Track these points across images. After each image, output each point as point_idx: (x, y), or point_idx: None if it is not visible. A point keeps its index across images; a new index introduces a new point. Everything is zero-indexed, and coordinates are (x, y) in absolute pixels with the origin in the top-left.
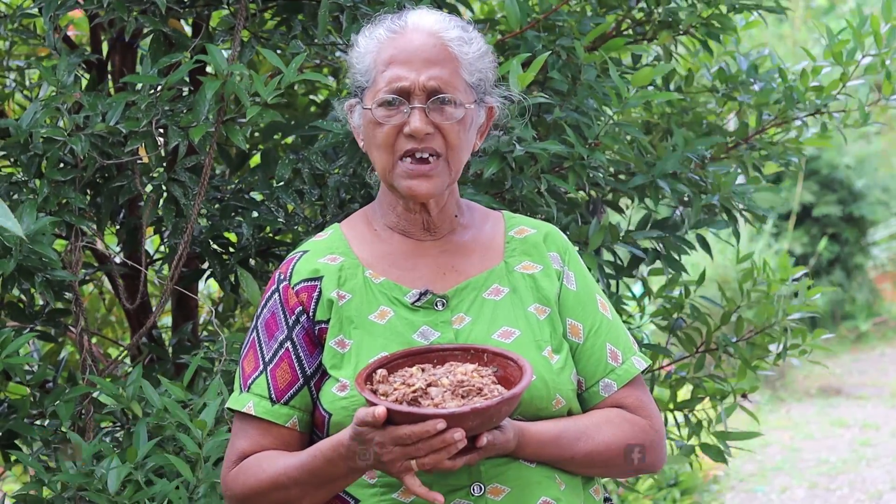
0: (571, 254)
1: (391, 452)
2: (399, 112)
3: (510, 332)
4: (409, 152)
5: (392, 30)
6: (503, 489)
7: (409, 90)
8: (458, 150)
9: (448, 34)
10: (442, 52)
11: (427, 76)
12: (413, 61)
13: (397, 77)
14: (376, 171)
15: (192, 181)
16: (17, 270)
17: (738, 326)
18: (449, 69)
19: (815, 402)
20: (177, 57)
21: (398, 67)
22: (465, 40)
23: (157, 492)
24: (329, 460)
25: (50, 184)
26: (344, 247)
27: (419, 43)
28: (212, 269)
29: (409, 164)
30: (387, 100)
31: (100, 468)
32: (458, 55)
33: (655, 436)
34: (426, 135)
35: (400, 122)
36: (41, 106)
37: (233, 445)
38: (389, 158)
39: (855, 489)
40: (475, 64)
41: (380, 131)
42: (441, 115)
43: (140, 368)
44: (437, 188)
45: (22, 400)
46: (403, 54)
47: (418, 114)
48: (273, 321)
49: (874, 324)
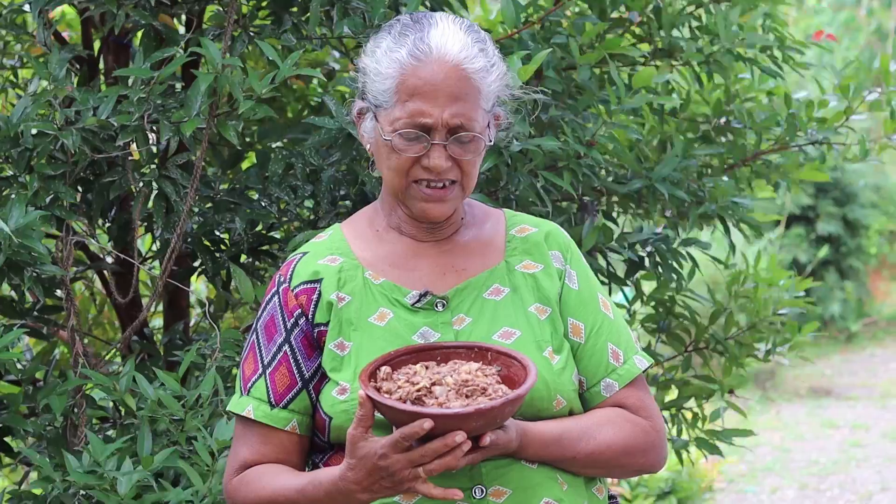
0: (573, 252)
1: (397, 462)
2: (419, 145)
3: (511, 333)
4: (426, 181)
5: (415, 56)
6: (505, 491)
7: (432, 127)
8: (472, 177)
9: (472, 65)
10: (465, 87)
11: (450, 113)
12: (437, 97)
13: (420, 112)
14: (387, 189)
15: (184, 178)
16: (6, 265)
17: (727, 324)
18: (471, 103)
19: (806, 403)
20: (169, 51)
21: (421, 102)
22: (487, 69)
23: (171, 499)
24: (329, 494)
25: (40, 178)
26: (344, 247)
27: (443, 77)
28: (203, 266)
29: (425, 188)
30: (408, 134)
31: (108, 469)
32: (481, 87)
33: (656, 436)
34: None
35: (418, 153)
36: (31, 100)
37: (234, 452)
38: (403, 182)
39: (845, 490)
40: (492, 90)
41: (395, 157)
42: (460, 149)
43: (132, 362)
44: (450, 210)
45: (14, 395)
46: (427, 87)
47: (439, 150)
48: (272, 324)
49: (864, 324)
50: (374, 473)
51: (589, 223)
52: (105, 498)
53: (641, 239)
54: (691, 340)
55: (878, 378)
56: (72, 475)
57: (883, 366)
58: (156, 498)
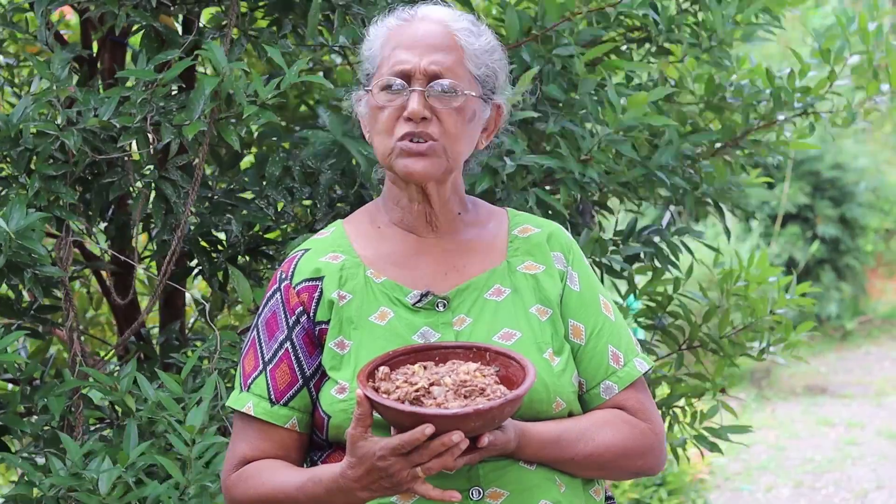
0: (576, 253)
1: (396, 464)
2: (400, 96)
3: (511, 334)
4: (407, 136)
5: (402, 18)
6: (502, 493)
7: (411, 73)
8: (455, 139)
9: (455, 24)
10: (447, 40)
11: (429, 60)
12: (417, 46)
13: (400, 60)
14: (379, 160)
15: (184, 179)
16: (6, 266)
17: (721, 323)
18: (453, 57)
19: (801, 401)
20: (172, 54)
21: (402, 51)
22: (472, 32)
23: (149, 493)
24: (329, 490)
25: (41, 179)
26: (345, 245)
27: (425, 30)
28: (200, 267)
29: (407, 143)
30: (388, 82)
31: (90, 470)
32: (464, 45)
33: (655, 439)
34: (423, 119)
35: (400, 104)
36: (32, 100)
37: (234, 447)
38: (389, 142)
39: (840, 488)
40: (481, 57)
41: (381, 116)
42: (440, 101)
43: (134, 362)
44: (433, 168)
45: (12, 395)
46: (409, 40)
47: (417, 96)
48: (274, 321)
49: (859, 322)
50: (373, 473)
51: (585, 233)
52: (87, 499)
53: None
54: (685, 339)
55: (873, 376)
56: (54, 477)
57: (878, 364)
58: (136, 495)
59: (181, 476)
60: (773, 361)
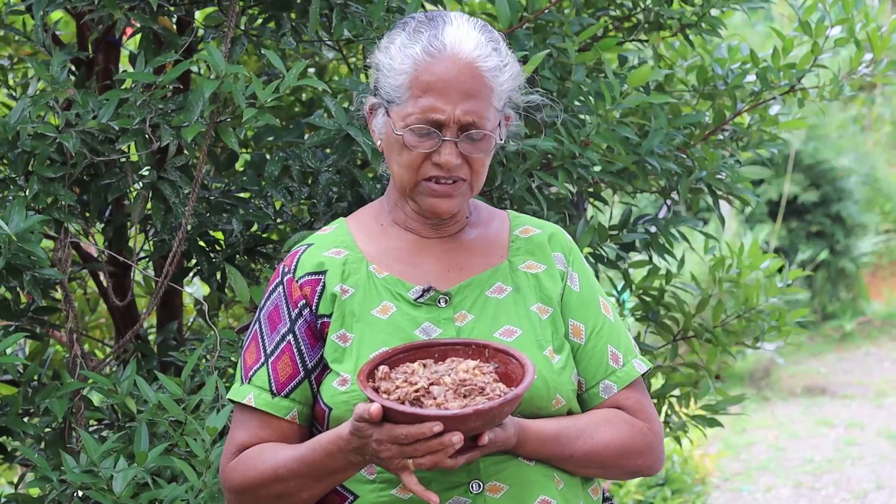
0: (576, 255)
1: (389, 450)
2: (430, 141)
3: (512, 331)
4: (434, 178)
5: (430, 52)
6: (502, 487)
7: (444, 123)
8: (481, 175)
9: (485, 63)
10: (478, 84)
11: (462, 110)
12: (450, 93)
13: (433, 108)
14: (397, 187)
15: (183, 180)
16: (5, 268)
17: (715, 313)
18: (483, 101)
19: (800, 402)
20: (170, 56)
21: (434, 98)
22: (500, 68)
23: (165, 495)
24: (328, 453)
25: (40, 181)
26: (349, 241)
27: (457, 73)
28: (199, 267)
29: (434, 184)
30: (421, 130)
31: (105, 468)
32: (493, 86)
33: (654, 438)
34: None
35: (429, 150)
36: (30, 103)
37: (232, 437)
38: (413, 178)
39: (840, 488)
40: (505, 89)
41: (406, 153)
42: (471, 147)
43: (135, 364)
44: (458, 206)
45: (13, 397)
46: (440, 84)
47: (450, 147)
48: (276, 314)
49: (859, 323)
50: (366, 449)
51: (584, 223)
52: (101, 497)
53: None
54: (679, 329)
55: (872, 377)
56: (68, 475)
57: (878, 364)
58: (151, 496)
59: (196, 478)
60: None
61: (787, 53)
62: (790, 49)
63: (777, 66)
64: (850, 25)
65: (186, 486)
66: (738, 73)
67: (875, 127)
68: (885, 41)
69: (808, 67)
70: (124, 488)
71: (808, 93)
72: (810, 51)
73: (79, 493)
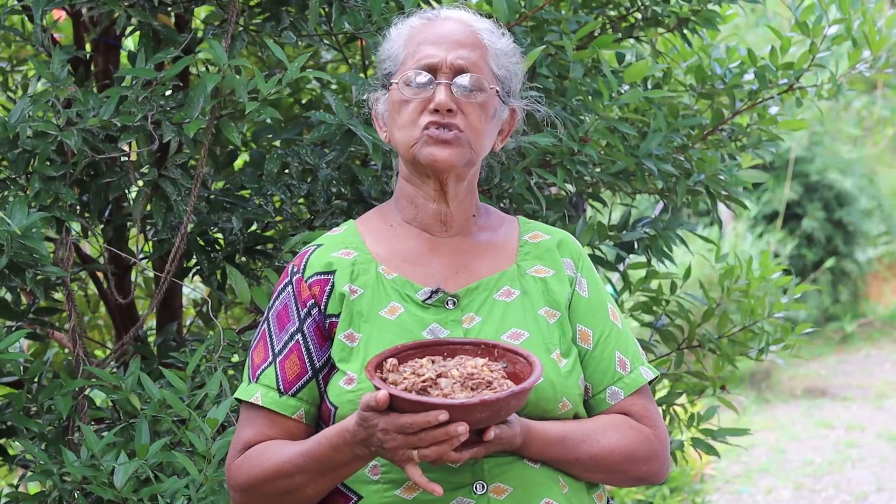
0: (585, 261)
1: (394, 440)
2: (425, 90)
3: (519, 334)
4: (433, 124)
5: (424, 17)
6: (506, 489)
7: (437, 67)
8: (478, 133)
9: (478, 24)
10: (471, 38)
11: (455, 55)
12: (443, 42)
13: (426, 55)
14: (400, 152)
15: (184, 178)
16: (7, 267)
17: (721, 323)
18: (477, 54)
19: (801, 404)
20: (172, 53)
21: (428, 47)
22: (494, 33)
23: (166, 489)
24: (334, 446)
25: (41, 180)
26: (358, 242)
27: (450, 28)
28: (199, 266)
29: (433, 130)
30: (414, 75)
31: (106, 462)
32: (488, 44)
33: (659, 445)
34: (448, 111)
35: (426, 97)
36: (30, 102)
37: (238, 435)
38: (413, 132)
39: (840, 490)
40: (502, 58)
41: (405, 109)
42: (465, 95)
43: (138, 361)
44: (458, 157)
45: (17, 396)
46: (434, 36)
47: (444, 89)
48: (285, 313)
49: (859, 325)
50: (371, 440)
51: (583, 221)
52: (102, 492)
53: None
54: (684, 338)
55: (873, 378)
56: (68, 469)
57: (878, 366)
58: (152, 490)
59: (197, 472)
60: (773, 363)
61: (785, 52)
62: (788, 48)
63: (775, 64)
64: (847, 24)
65: (188, 479)
66: (737, 72)
67: (876, 129)
68: (884, 39)
69: (805, 66)
70: (125, 482)
71: (806, 91)
72: (808, 50)
73: (79, 489)
